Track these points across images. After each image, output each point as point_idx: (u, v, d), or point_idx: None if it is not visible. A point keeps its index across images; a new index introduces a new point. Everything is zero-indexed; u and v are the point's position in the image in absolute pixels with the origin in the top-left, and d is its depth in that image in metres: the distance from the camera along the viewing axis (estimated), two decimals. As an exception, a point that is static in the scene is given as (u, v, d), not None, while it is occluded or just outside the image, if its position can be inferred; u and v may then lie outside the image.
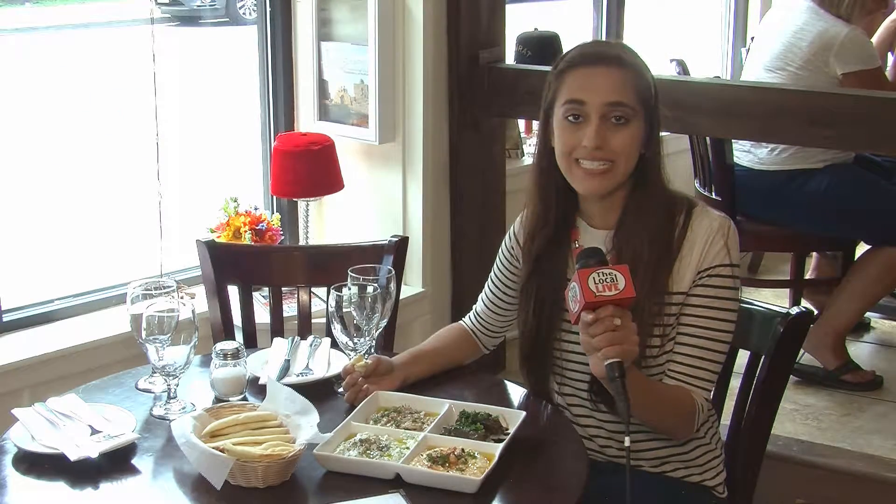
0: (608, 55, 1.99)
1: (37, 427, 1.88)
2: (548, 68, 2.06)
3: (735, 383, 2.22)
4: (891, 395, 3.67)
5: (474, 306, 2.29)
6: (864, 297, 3.72)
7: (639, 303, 1.90)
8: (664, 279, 1.96)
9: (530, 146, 4.21)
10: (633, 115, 1.94)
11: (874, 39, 4.26)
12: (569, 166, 1.98)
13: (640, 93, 1.96)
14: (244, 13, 8.43)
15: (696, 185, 4.02)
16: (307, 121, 3.53)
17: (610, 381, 1.75)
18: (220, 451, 1.73)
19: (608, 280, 1.74)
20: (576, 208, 2.06)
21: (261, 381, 2.06)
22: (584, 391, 2.05)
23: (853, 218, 3.71)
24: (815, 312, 3.54)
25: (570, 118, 1.96)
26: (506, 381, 2.20)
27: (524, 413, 1.93)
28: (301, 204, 3.36)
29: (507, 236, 2.21)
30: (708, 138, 3.77)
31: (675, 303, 1.96)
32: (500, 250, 2.22)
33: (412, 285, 3.47)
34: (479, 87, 3.49)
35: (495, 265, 2.23)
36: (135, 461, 1.84)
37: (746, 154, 3.78)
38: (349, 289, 2.09)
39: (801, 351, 3.26)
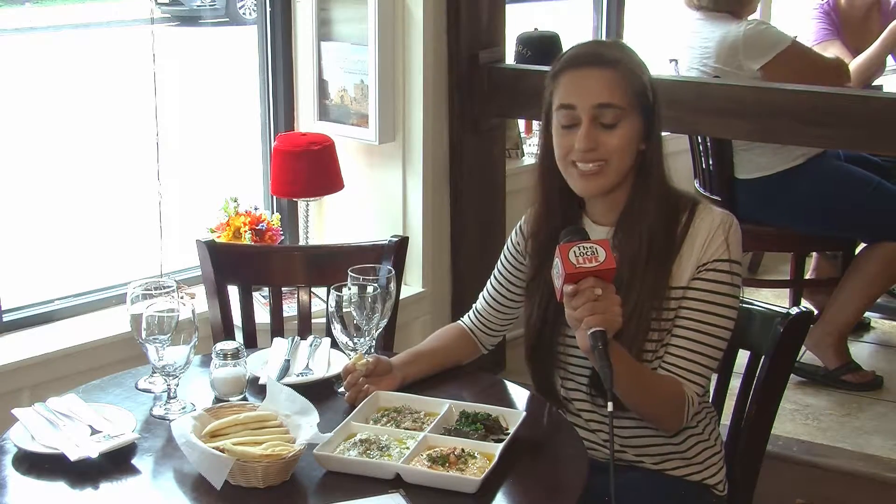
0: (597, 55, 2.00)
1: (37, 427, 1.88)
2: (548, 68, 2.06)
3: (735, 383, 2.22)
4: (891, 395, 3.67)
5: (474, 305, 2.30)
6: (864, 294, 3.72)
7: (639, 299, 1.92)
8: (665, 275, 1.97)
9: (530, 146, 4.21)
10: (623, 115, 1.95)
11: (877, 42, 4.25)
12: (566, 168, 2.01)
13: (632, 89, 1.96)
14: (244, 13, 8.44)
15: (696, 184, 4.02)
16: (307, 121, 3.53)
17: (592, 351, 1.77)
18: (220, 451, 1.73)
19: (588, 253, 1.77)
20: (580, 206, 2.08)
21: (261, 381, 2.06)
22: (586, 385, 2.06)
23: (846, 215, 3.70)
24: (815, 312, 3.55)
25: (564, 122, 1.98)
26: (506, 381, 2.20)
27: (524, 413, 1.93)
28: (301, 204, 3.36)
29: (513, 232, 2.22)
30: (708, 139, 3.78)
31: (675, 297, 1.97)
32: (505, 246, 2.23)
33: (412, 285, 3.47)
34: (479, 87, 3.49)
35: (500, 261, 2.24)
36: (135, 461, 1.84)
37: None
38: (349, 289, 2.09)
39: (802, 350, 3.26)
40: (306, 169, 3.19)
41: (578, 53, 2.02)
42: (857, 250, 3.93)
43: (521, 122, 4.25)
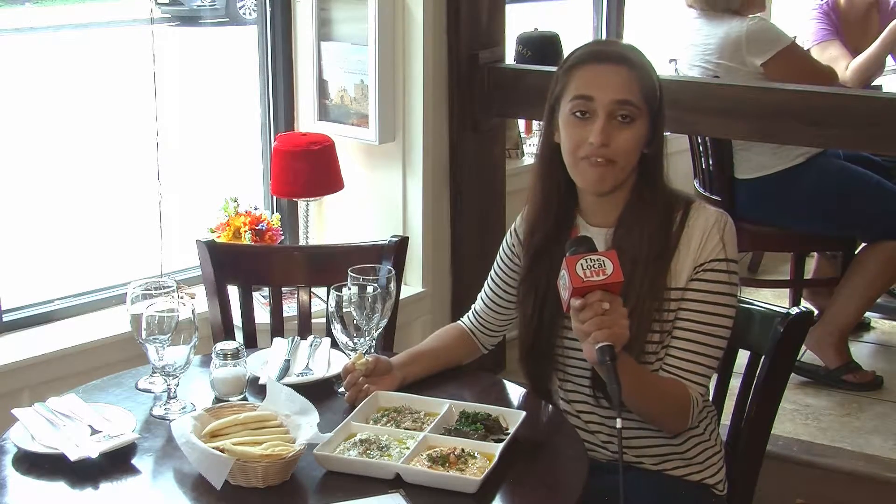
0: (617, 54, 2.00)
1: (37, 427, 1.88)
2: (547, 68, 2.07)
3: (735, 383, 2.22)
4: (891, 395, 3.67)
5: (473, 305, 2.30)
6: (865, 294, 3.72)
7: (638, 300, 1.92)
8: (662, 276, 1.97)
9: (530, 146, 4.21)
10: (638, 115, 1.96)
11: (877, 42, 4.25)
12: (574, 162, 1.99)
13: (646, 92, 1.97)
14: (244, 13, 8.44)
15: (696, 184, 4.02)
16: (307, 121, 3.53)
17: (600, 365, 1.77)
18: (220, 451, 1.73)
19: (596, 266, 1.76)
20: (576, 205, 2.07)
21: (261, 381, 2.06)
22: (587, 386, 2.06)
23: (846, 214, 3.71)
24: (816, 313, 3.54)
25: (577, 114, 1.97)
26: (505, 381, 2.20)
27: (524, 413, 1.93)
28: (301, 204, 3.36)
29: (508, 233, 2.22)
30: (708, 139, 3.78)
31: (674, 298, 1.97)
32: (500, 247, 2.23)
33: (412, 285, 3.47)
34: (478, 87, 3.49)
35: (496, 262, 2.24)
36: (135, 461, 1.84)
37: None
38: (349, 289, 2.09)
39: (803, 349, 3.26)
40: (306, 169, 3.19)
41: (597, 50, 2.03)
42: (858, 250, 3.93)
43: (521, 122, 4.25)
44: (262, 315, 2.73)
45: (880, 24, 4.43)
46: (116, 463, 1.81)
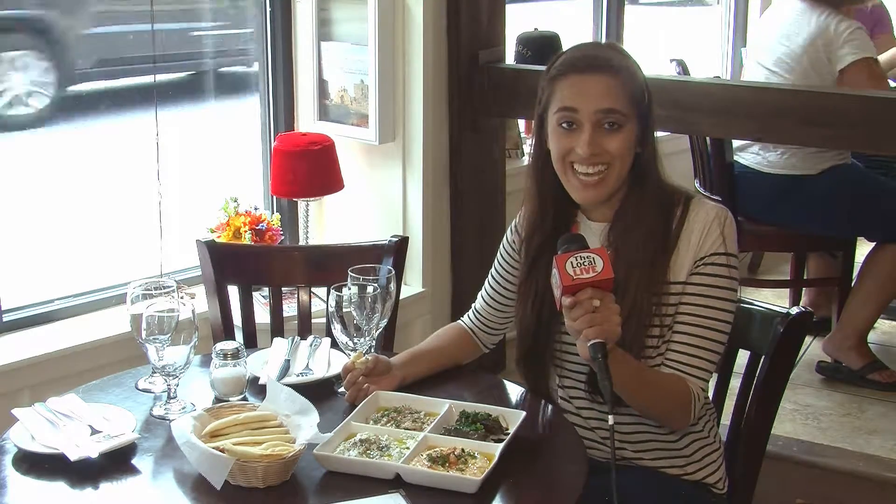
0: (599, 61, 1.99)
1: (37, 427, 1.88)
2: (547, 69, 2.06)
3: (735, 383, 2.22)
4: (891, 395, 3.67)
5: (473, 304, 2.30)
6: (878, 297, 3.72)
7: (637, 295, 1.92)
8: (662, 271, 1.97)
9: (530, 146, 4.20)
10: (625, 120, 1.96)
11: (889, 53, 4.25)
12: (564, 171, 2.00)
13: (632, 95, 1.97)
14: (244, 13, 8.42)
15: (697, 184, 4.02)
16: (307, 121, 3.54)
17: (593, 362, 1.77)
18: (220, 451, 1.73)
19: (586, 263, 1.77)
20: (575, 203, 2.07)
21: (261, 381, 2.06)
22: (585, 382, 2.06)
23: (859, 216, 3.71)
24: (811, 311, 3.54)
25: (564, 125, 1.98)
26: (505, 381, 2.20)
27: (524, 413, 1.93)
28: (301, 204, 3.36)
29: (508, 231, 2.22)
30: (708, 138, 3.77)
31: (674, 293, 1.98)
32: (500, 246, 2.23)
33: (412, 285, 3.47)
34: (478, 87, 3.49)
35: (496, 261, 2.24)
36: (135, 461, 1.84)
37: (755, 156, 3.77)
38: (349, 289, 2.09)
39: (804, 349, 3.26)
40: (306, 169, 3.19)
41: (579, 57, 2.01)
42: (858, 250, 3.93)
43: (521, 122, 4.25)
44: (262, 315, 2.73)
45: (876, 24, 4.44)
46: (116, 463, 1.81)
